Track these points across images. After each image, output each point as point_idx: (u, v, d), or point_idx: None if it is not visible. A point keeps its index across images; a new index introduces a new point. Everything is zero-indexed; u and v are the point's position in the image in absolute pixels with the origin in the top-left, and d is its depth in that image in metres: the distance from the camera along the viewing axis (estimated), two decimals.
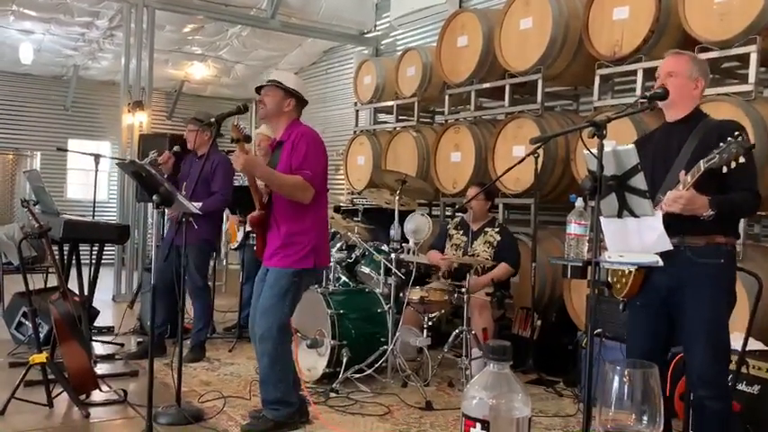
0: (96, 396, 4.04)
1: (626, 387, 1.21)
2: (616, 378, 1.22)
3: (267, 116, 3.66)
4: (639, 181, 2.53)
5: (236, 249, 6.49)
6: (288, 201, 3.53)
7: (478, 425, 1.13)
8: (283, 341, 3.60)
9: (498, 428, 1.12)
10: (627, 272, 2.86)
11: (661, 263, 2.59)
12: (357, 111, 8.46)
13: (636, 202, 2.58)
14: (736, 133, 2.47)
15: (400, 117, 7.64)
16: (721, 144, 2.48)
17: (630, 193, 2.57)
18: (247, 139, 3.52)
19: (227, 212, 6.37)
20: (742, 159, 2.46)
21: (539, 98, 5.68)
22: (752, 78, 4.35)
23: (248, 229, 5.99)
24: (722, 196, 2.59)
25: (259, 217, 3.64)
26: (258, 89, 3.70)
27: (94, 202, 6.50)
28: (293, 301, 3.63)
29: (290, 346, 3.71)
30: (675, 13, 4.67)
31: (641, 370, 1.21)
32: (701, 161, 2.52)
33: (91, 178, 6.68)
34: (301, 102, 3.70)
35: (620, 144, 2.65)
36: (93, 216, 6.26)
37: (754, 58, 4.33)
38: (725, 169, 2.48)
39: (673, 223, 2.60)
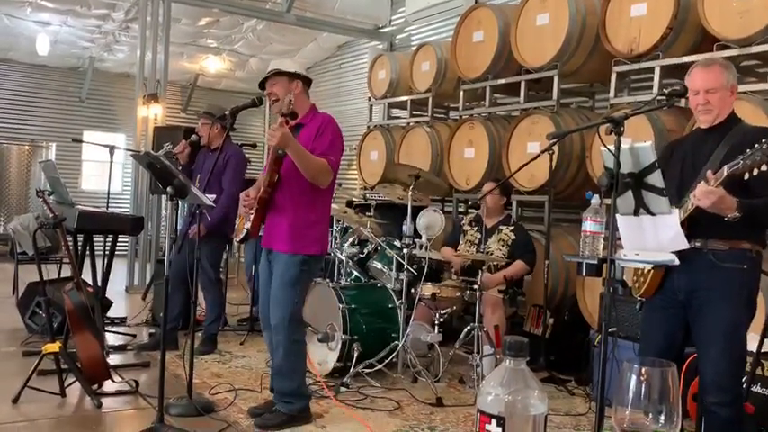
0: (108, 386, 4.07)
1: (643, 386, 1.19)
2: (633, 376, 1.20)
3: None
4: (656, 179, 2.50)
5: (240, 242, 6.48)
6: (301, 186, 3.50)
7: (494, 421, 1.12)
8: (298, 331, 3.62)
9: (514, 425, 1.11)
10: (645, 271, 2.84)
11: (677, 261, 2.57)
12: (371, 106, 8.44)
13: (652, 199, 2.56)
14: (763, 140, 2.43)
15: (414, 112, 7.62)
16: (748, 150, 2.45)
17: (647, 190, 2.55)
18: (293, 115, 3.51)
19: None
20: (764, 167, 2.42)
21: (554, 95, 5.64)
22: None
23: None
24: (749, 200, 2.55)
25: (267, 195, 3.59)
26: (261, 86, 3.70)
27: (108, 193, 6.53)
28: (304, 289, 3.65)
29: (304, 337, 3.72)
30: (694, 10, 4.62)
31: (659, 368, 1.19)
32: (725, 166, 2.49)
33: (105, 170, 6.71)
34: (306, 81, 3.70)
35: (637, 141, 2.62)
36: (108, 207, 6.29)
37: None
38: (747, 176, 2.45)
39: (697, 226, 2.58)
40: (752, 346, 3.40)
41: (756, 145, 2.44)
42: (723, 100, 2.76)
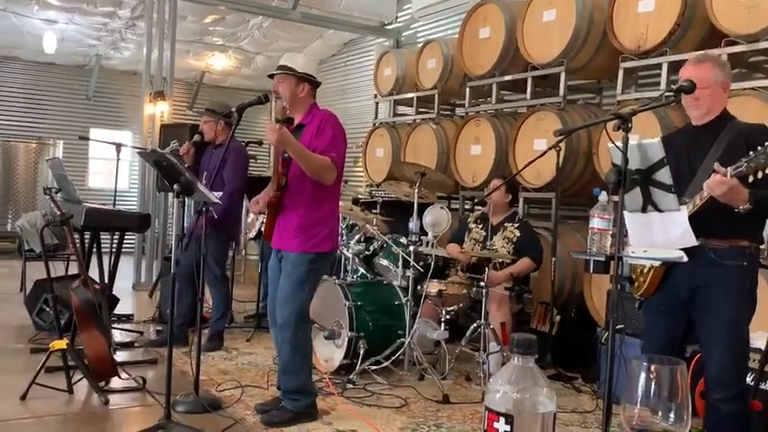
0: (115, 383, 4.07)
1: (653, 384, 1.19)
2: (642, 374, 1.19)
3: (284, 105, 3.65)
4: (665, 175, 2.49)
5: (253, 239, 6.50)
6: (308, 185, 3.51)
7: (502, 419, 1.11)
8: (304, 328, 3.62)
9: (522, 423, 1.11)
10: (646, 270, 2.83)
11: (685, 258, 2.56)
12: (377, 103, 8.43)
13: (661, 196, 2.54)
14: (767, 143, 2.41)
15: (420, 109, 7.61)
16: (750, 153, 2.43)
17: (655, 187, 2.53)
18: (289, 121, 3.52)
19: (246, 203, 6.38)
20: None
21: (561, 91, 5.62)
22: None
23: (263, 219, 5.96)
24: (761, 192, 2.52)
25: (275, 198, 3.61)
26: (271, 77, 3.70)
27: (115, 190, 6.54)
28: (312, 287, 3.64)
29: (310, 334, 3.72)
30: (702, 5, 4.60)
31: (668, 366, 1.18)
32: (729, 168, 2.47)
33: (112, 167, 6.72)
34: (314, 84, 3.69)
35: (645, 138, 2.61)
36: (114, 205, 6.30)
37: None
38: (751, 179, 2.44)
39: (697, 225, 2.56)
40: (761, 344, 3.39)
41: (759, 147, 2.41)
42: (713, 97, 2.74)
